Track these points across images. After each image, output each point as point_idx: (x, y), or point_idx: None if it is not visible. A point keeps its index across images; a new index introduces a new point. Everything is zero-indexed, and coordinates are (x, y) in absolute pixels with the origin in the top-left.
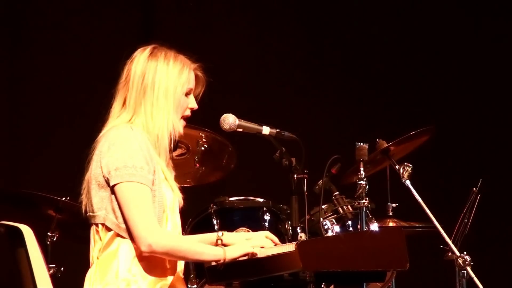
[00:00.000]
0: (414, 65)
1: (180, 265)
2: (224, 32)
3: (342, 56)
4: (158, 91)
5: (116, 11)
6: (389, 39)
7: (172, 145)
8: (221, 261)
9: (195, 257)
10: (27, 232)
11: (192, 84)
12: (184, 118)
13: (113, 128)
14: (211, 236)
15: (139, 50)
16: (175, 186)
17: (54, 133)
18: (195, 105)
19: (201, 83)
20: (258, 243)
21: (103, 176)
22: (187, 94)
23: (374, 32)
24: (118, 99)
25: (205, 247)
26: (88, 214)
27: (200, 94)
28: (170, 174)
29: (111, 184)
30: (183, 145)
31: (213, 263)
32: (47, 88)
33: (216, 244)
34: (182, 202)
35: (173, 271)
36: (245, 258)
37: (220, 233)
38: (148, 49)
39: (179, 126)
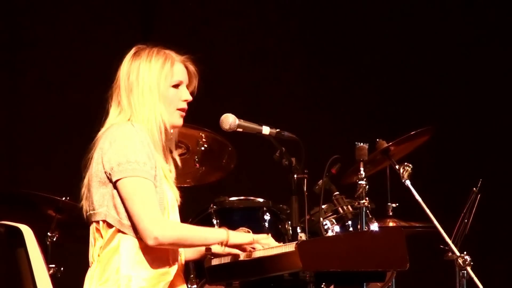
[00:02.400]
0: (414, 65)
1: (181, 261)
2: (223, 32)
3: (342, 56)
4: (142, 87)
5: (115, 12)
6: (389, 39)
7: (168, 142)
8: (224, 243)
9: (200, 243)
10: (27, 232)
11: (180, 76)
12: (180, 110)
13: (114, 125)
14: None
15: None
16: (173, 183)
17: (54, 133)
18: (188, 97)
19: (194, 75)
20: (261, 237)
21: (105, 172)
22: (176, 86)
23: (374, 32)
24: (113, 103)
25: (209, 231)
26: (88, 213)
27: (195, 87)
28: (168, 172)
29: (114, 179)
30: (183, 145)
31: (214, 262)
32: (47, 88)
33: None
34: (179, 200)
35: (175, 267)
36: (245, 258)
37: (224, 233)
38: (132, 50)
39: (171, 118)
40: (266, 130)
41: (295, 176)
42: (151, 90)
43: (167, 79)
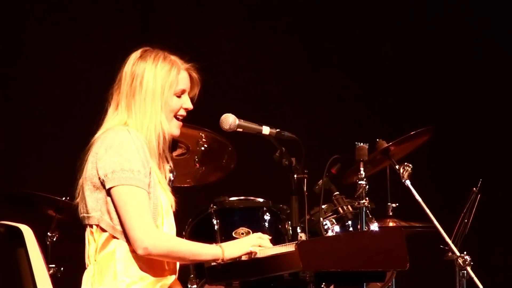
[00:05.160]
0: (414, 65)
1: (177, 266)
2: (223, 32)
3: (342, 56)
4: (145, 93)
5: (113, 13)
6: (389, 39)
7: (164, 146)
8: (220, 260)
9: (192, 258)
10: (27, 232)
11: (184, 85)
12: (179, 118)
13: (109, 130)
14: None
15: (132, 54)
16: (167, 189)
17: (54, 133)
18: (189, 106)
19: (196, 83)
20: (256, 242)
21: (99, 178)
22: (179, 95)
23: (373, 32)
24: (112, 103)
25: (202, 247)
26: (82, 215)
27: (196, 95)
28: (163, 177)
29: (107, 186)
30: (183, 145)
31: (213, 263)
32: (46, 88)
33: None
34: (174, 206)
35: (172, 271)
36: (245, 258)
37: (218, 250)
38: (138, 52)
39: (170, 127)
40: (266, 130)
41: (295, 176)
42: (154, 98)
43: (172, 87)
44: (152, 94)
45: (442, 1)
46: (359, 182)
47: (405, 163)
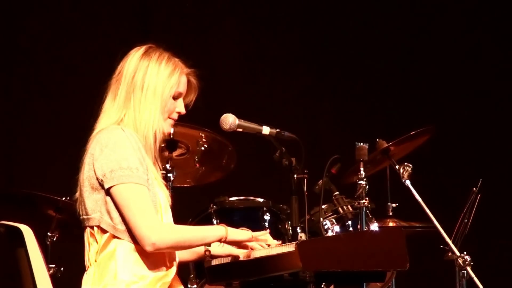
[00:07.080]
0: (414, 65)
1: (177, 260)
2: (223, 32)
3: (342, 56)
4: (146, 90)
5: (113, 11)
6: (389, 39)
7: (158, 145)
8: (223, 239)
9: (199, 243)
10: (27, 232)
11: (182, 88)
12: (171, 119)
13: (104, 130)
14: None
15: (135, 49)
16: (163, 185)
17: (54, 133)
18: (182, 110)
19: (194, 89)
20: (259, 234)
21: (97, 179)
22: (176, 98)
23: (374, 32)
24: (110, 95)
25: (206, 230)
26: (82, 217)
27: (192, 101)
28: (158, 174)
29: (106, 186)
30: (183, 145)
31: (214, 262)
32: (46, 86)
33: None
34: (170, 200)
35: (173, 269)
36: (245, 258)
37: (222, 229)
38: (143, 48)
39: (165, 126)
40: (266, 130)
41: (295, 176)
42: (155, 96)
43: (172, 89)
44: (153, 91)
45: (442, 0)
46: (359, 182)
47: (405, 163)
